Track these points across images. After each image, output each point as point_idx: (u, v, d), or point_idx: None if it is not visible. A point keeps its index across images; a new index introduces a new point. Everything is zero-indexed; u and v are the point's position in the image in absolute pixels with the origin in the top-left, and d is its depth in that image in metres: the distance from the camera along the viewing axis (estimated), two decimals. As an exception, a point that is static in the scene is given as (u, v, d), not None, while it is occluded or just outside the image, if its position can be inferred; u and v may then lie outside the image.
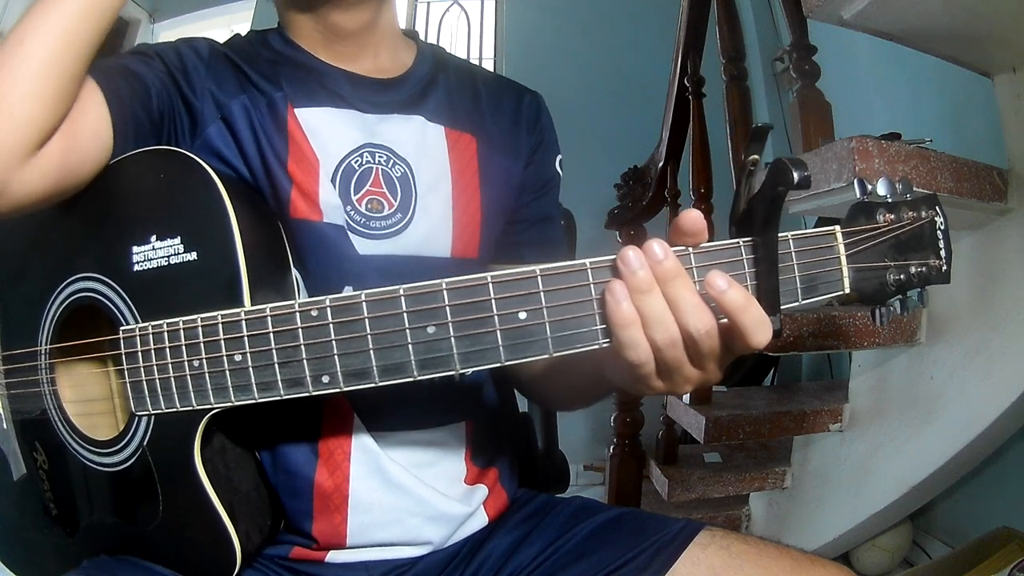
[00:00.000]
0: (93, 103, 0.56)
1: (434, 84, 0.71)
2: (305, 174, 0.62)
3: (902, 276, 0.47)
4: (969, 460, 1.36)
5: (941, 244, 0.47)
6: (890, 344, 1.36)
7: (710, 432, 1.48)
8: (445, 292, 0.45)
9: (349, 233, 0.63)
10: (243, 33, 0.72)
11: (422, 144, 0.68)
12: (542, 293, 0.45)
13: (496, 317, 0.45)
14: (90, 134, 0.55)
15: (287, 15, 0.69)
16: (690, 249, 0.45)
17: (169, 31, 3.21)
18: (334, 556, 0.64)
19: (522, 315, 0.45)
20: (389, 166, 0.65)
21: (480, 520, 0.69)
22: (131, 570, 0.58)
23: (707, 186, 1.74)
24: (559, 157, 0.78)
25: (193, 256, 0.54)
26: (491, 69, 3.56)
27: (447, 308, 0.45)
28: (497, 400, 0.75)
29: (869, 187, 0.48)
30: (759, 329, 0.43)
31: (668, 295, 0.44)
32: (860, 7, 1.03)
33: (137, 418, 0.56)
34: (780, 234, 0.45)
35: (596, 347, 0.45)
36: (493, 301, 0.45)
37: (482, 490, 0.70)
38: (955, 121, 1.71)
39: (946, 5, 1.01)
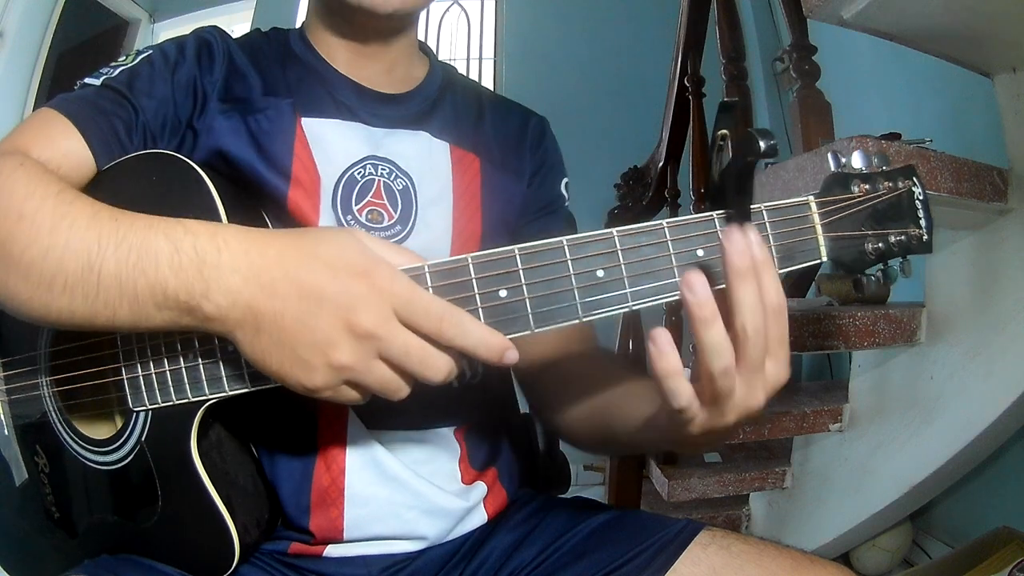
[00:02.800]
0: (73, 147, 0.57)
1: (441, 102, 0.72)
2: (305, 182, 0.63)
3: (881, 245, 0.47)
4: (969, 460, 1.36)
5: (921, 214, 0.48)
6: (890, 344, 1.36)
7: (710, 432, 1.47)
8: (428, 275, 0.46)
9: None
10: (263, 28, 0.73)
11: (426, 160, 0.68)
12: (521, 271, 0.46)
13: (477, 296, 0.46)
14: (71, 170, 0.57)
15: (314, 12, 0.70)
16: (664, 223, 0.46)
17: (169, 31, 3.22)
18: (332, 551, 0.64)
19: (503, 293, 0.46)
20: (391, 179, 0.66)
21: (479, 517, 0.69)
22: (132, 569, 0.58)
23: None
24: (565, 180, 0.78)
25: None
26: (491, 69, 3.57)
27: (430, 290, 0.46)
28: (496, 402, 0.75)
29: (843, 159, 0.48)
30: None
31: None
32: (860, 7, 1.03)
33: (135, 415, 0.56)
34: (752, 205, 0.46)
35: (576, 322, 0.46)
36: (474, 281, 0.46)
37: (481, 487, 0.70)
38: (955, 121, 1.71)
39: (946, 5, 1.01)
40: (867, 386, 1.49)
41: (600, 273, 0.46)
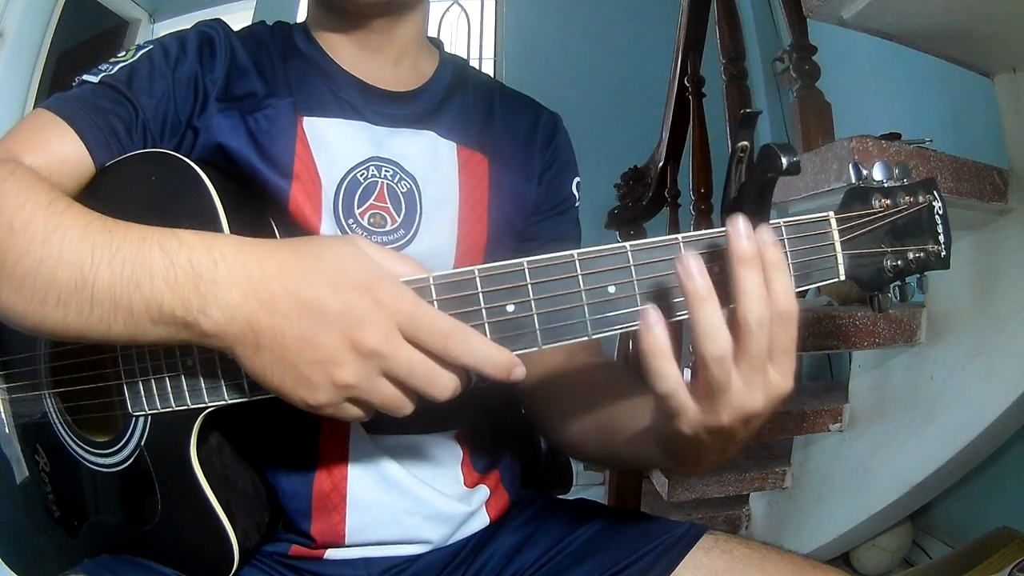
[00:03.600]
0: (70, 149, 0.55)
1: (450, 99, 0.71)
2: (307, 183, 0.61)
3: (899, 262, 0.46)
4: (969, 460, 1.36)
5: (940, 229, 0.46)
6: (890, 344, 1.36)
7: (710, 432, 1.47)
8: (432, 287, 0.45)
9: None
10: (268, 22, 0.72)
11: (432, 160, 0.67)
12: (529, 285, 0.44)
13: (484, 310, 0.44)
14: (67, 177, 0.56)
15: (313, 7, 0.69)
16: (679, 237, 0.44)
17: (169, 31, 3.21)
18: (332, 553, 0.64)
19: (510, 307, 0.44)
20: (395, 181, 0.64)
21: (481, 520, 0.69)
22: (132, 569, 0.58)
23: (707, 186, 1.74)
24: (576, 180, 0.76)
25: None
26: (491, 69, 3.57)
27: (435, 303, 0.45)
28: (497, 404, 0.74)
29: (864, 172, 0.47)
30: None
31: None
32: (860, 7, 1.03)
33: (134, 419, 0.56)
34: (772, 221, 0.44)
35: (585, 339, 0.45)
36: (480, 295, 0.44)
37: (483, 490, 0.69)
38: (955, 121, 1.71)
39: (946, 5, 1.01)
40: (867, 386, 1.49)
41: (612, 289, 0.44)
